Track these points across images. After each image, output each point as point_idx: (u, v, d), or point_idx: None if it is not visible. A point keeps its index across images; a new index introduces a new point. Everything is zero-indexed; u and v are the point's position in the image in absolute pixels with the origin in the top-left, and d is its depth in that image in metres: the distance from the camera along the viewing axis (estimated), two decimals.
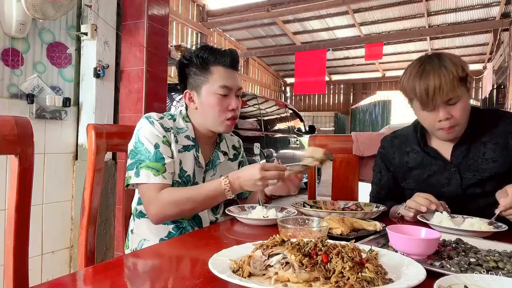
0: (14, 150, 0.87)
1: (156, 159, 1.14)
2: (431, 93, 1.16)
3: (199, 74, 1.23)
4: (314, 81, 9.52)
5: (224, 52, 1.25)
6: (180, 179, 1.21)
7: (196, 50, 1.25)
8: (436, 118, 1.20)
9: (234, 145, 1.46)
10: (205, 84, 1.22)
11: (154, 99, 2.44)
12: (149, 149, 1.15)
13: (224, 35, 11.95)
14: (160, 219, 1.15)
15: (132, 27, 2.40)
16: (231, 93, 1.24)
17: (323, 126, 16.69)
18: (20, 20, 1.94)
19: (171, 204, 1.11)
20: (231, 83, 1.23)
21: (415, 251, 0.75)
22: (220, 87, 1.21)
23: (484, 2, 8.69)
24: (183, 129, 1.26)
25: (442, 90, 1.15)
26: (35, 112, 2.09)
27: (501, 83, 8.86)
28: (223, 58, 1.23)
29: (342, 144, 1.79)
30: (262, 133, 5.66)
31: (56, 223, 2.27)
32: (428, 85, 1.16)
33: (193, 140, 1.26)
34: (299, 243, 0.65)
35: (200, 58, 1.22)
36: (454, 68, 1.16)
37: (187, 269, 0.77)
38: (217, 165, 1.32)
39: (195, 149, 1.26)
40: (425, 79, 1.18)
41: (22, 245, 0.87)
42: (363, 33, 10.96)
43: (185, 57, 1.26)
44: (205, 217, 1.28)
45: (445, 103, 1.18)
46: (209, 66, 1.22)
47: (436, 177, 1.30)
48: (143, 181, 1.13)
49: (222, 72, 1.22)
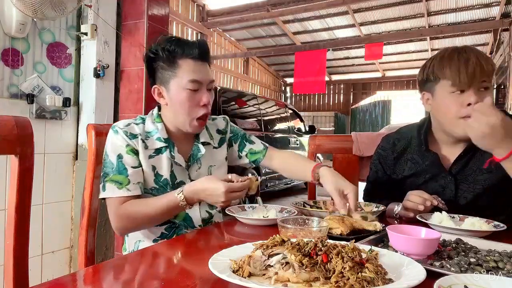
0: (14, 150, 0.87)
1: (119, 171, 1.11)
2: (471, 68, 1.09)
3: (166, 68, 1.16)
4: (314, 81, 9.51)
5: (192, 43, 1.17)
6: (157, 185, 1.17)
7: (162, 42, 1.17)
8: (465, 102, 1.11)
9: (218, 129, 1.36)
10: (174, 78, 1.15)
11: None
12: (113, 161, 1.12)
13: (224, 35, 11.95)
14: (121, 232, 1.14)
15: (132, 27, 2.40)
16: (202, 87, 1.17)
17: (323, 126, 16.68)
18: (20, 20, 1.94)
19: (129, 219, 1.10)
20: (201, 76, 1.15)
21: (415, 251, 0.75)
22: (189, 82, 1.14)
23: (484, 2, 8.69)
24: (152, 132, 1.19)
25: (482, 67, 1.09)
26: (35, 112, 2.09)
27: (501, 83, 8.86)
28: (191, 49, 1.14)
29: (342, 144, 1.79)
30: (262, 133, 5.67)
31: (56, 223, 2.27)
32: (468, 59, 1.11)
33: (166, 141, 1.19)
34: (299, 243, 0.65)
35: (167, 51, 1.15)
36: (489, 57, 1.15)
37: (187, 269, 0.77)
38: (199, 158, 1.26)
39: (170, 149, 1.19)
40: (465, 54, 1.13)
41: (22, 245, 0.87)
42: (363, 33, 10.96)
43: (151, 50, 1.18)
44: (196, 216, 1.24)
45: (478, 84, 1.11)
46: (176, 60, 1.14)
47: (431, 184, 1.27)
48: (108, 195, 1.11)
49: (191, 65, 1.14)
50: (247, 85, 13.78)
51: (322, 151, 1.83)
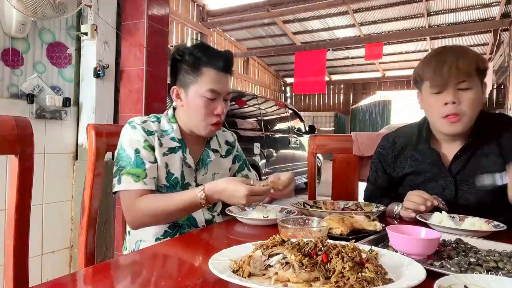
0: (14, 150, 0.87)
1: (137, 165, 1.12)
2: (447, 68, 1.12)
3: (189, 73, 1.18)
4: (314, 81, 9.52)
5: (219, 54, 1.20)
6: (168, 182, 1.20)
7: (190, 47, 1.20)
8: (444, 101, 1.15)
9: (227, 141, 1.41)
10: (194, 84, 1.18)
11: (154, 99, 2.44)
12: (130, 155, 1.14)
13: (224, 35, 11.95)
14: (136, 226, 1.14)
15: (132, 27, 2.40)
16: (219, 97, 1.20)
17: (323, 126, 16.69)
18: (20, 20, 1.94)
19: (146, 213, 1.09)
20: (220, 87, 1.19)
21: (415, 251, 0.75)
22: (208, 91, 1.17)
23: (484, 2, 8.69)
24: (168, 131, 1.23)
25: (458, 68, 1.12)
26: (35, 112, 2.09)
27: (501, 83, 8.86)
28: (216, 60, 1.17)
29: (342, 144, 1.79)
30: (262, 133, 5.66)
31: (56, 223, 2.27)
32: (445, 60, 1.14)
33: (179, 141, 1.23)
34: (299, 243, 0.65)
35: (193, 57, 1.17)
36: (475, 55, 1.15)
37: (187, 269, 0.77)
38: (207, 164, 1.29)
39: (182, 150, 1.23)
40: (443, 56, 1.16)
41: (22, 245, 0.87)
42: (363, 33, 10.96)
43: (178, 51, 1.21)
44: (200, 217, 1.26)
45: (456, 85, 1.14)
46: (200, 67, 1.17)
47: (431, 184, 1.27)
48: (124, 187, 1.11)
49: (213, 75, 1.17)
50: (247, 85, 13.78)
51: (322, 151, 1.83)
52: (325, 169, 7.92)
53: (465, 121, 1.17)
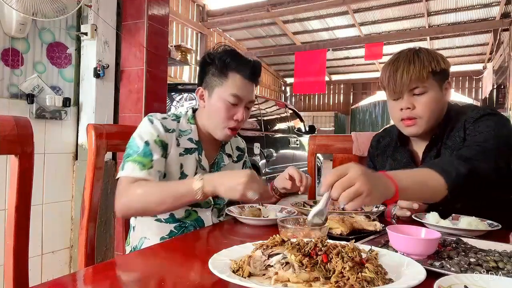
0: (14, 150, 0.87)
1: (144, 154, 1.12)
2: (398, 78, 1.16)
3: (216, 76, 1.22)
4: (314, 81, 9.51)
5: (247, 62, 1.23)
6: None
7: (221, 51, 1.24)
8: (399, 106, 1.20)
9: (238, 146, 1.46)
10: (219, 87, 1.21)
11: (154, 99, 2.44)
12: (139, 144, 1.14)
13: (224, 35, 11.95)
14: (124, 210, 1.09)
15: (132, 27, 2.40)
16: (241, 104, 1.23)
17: (323, 126, 16.69)
18: (20, 20, 1.94)
19: (137, 196, 1.05)
20: (244, 94, 1.22)
21: (415, 251, 0.75)
22: (231, 95, 1.20)
23: (484, 2, 8.68)
24: (187, 131, 1.25)
25: (408, 76, 1.15)
26: (35, 112, 2.09)
27: (501, 83, 8.87)
28: (244, 67, 1.21)
29: (342, 144, 1.79)
30: (262, 133, 5.66)
31: (56, 223, 2.27)
32: (397, 68, 1.17)
33: (197, 143, 1.25)
34: (299, 243, 0.65)
35: (222, 61, 1.21)
36: (428, 59, 1.17)
37: (187, 269, 0.77)
38: (221, 167, 1.32)
39: (198, 152, 1.25)
40: (396, 64, 1.19)
41: (22, 245, 0.87)
42: (363, 33, 10.95)
43: (209, 55, 1.25)
44: (208, 220, 1.27)
45: (410, 91, 1.18)
46: (227, 71, 1.20)
47: None
48: (127, 174, 1.09)
49: (238, 81, 1.21)
50: None
51: (322, 151, 1.83)
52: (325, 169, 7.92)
53: (421, 123, 1.20)
